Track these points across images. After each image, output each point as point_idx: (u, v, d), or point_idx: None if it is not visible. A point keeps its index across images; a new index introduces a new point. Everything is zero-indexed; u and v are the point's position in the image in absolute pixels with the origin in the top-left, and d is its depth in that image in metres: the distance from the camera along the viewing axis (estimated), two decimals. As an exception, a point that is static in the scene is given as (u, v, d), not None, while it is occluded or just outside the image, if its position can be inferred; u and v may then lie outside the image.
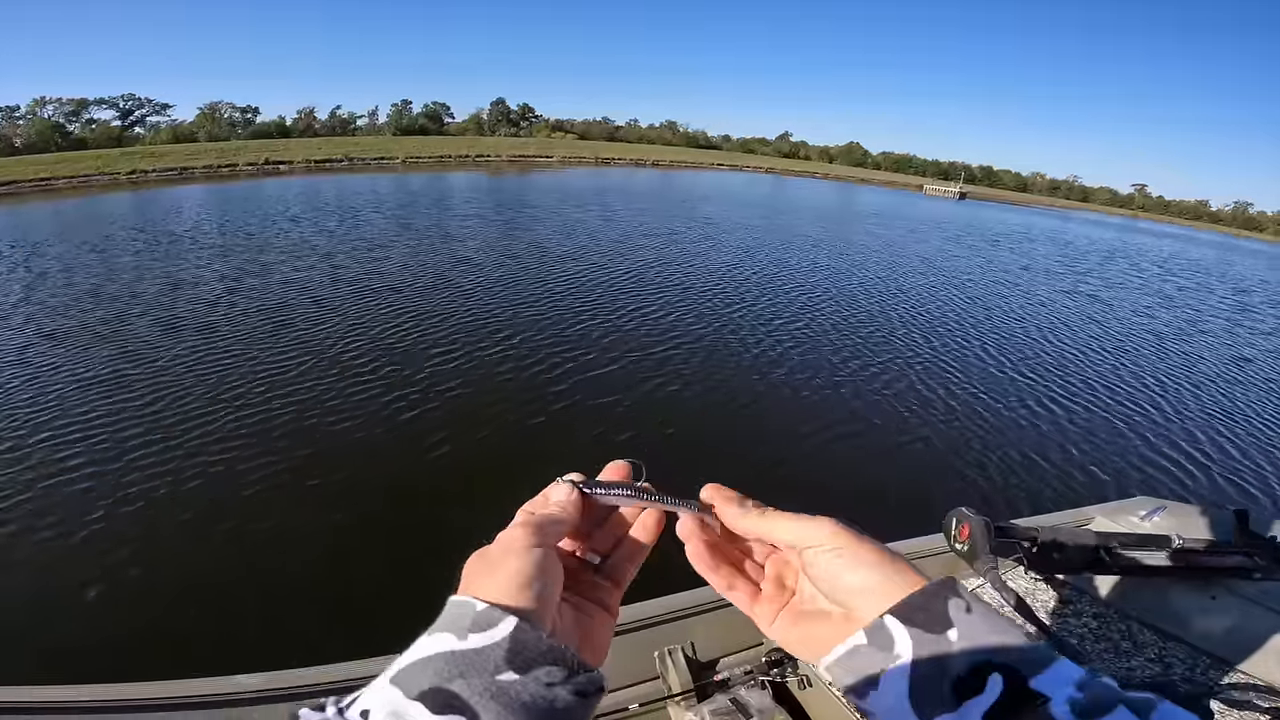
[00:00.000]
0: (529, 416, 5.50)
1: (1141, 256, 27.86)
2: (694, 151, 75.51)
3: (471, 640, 0.27)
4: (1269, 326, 14.76)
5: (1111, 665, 1.66)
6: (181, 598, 3.34)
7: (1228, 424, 7.26)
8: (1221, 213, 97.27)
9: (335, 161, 34.12)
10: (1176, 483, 5.67)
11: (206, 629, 3.14)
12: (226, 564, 3.62)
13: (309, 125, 63.44)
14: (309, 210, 17.46)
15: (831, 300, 10.78)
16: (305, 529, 3.93)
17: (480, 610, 0.29)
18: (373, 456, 4.76)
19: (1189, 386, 8.59)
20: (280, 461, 4.60)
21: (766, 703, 1.35)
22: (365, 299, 8.60)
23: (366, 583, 3.49)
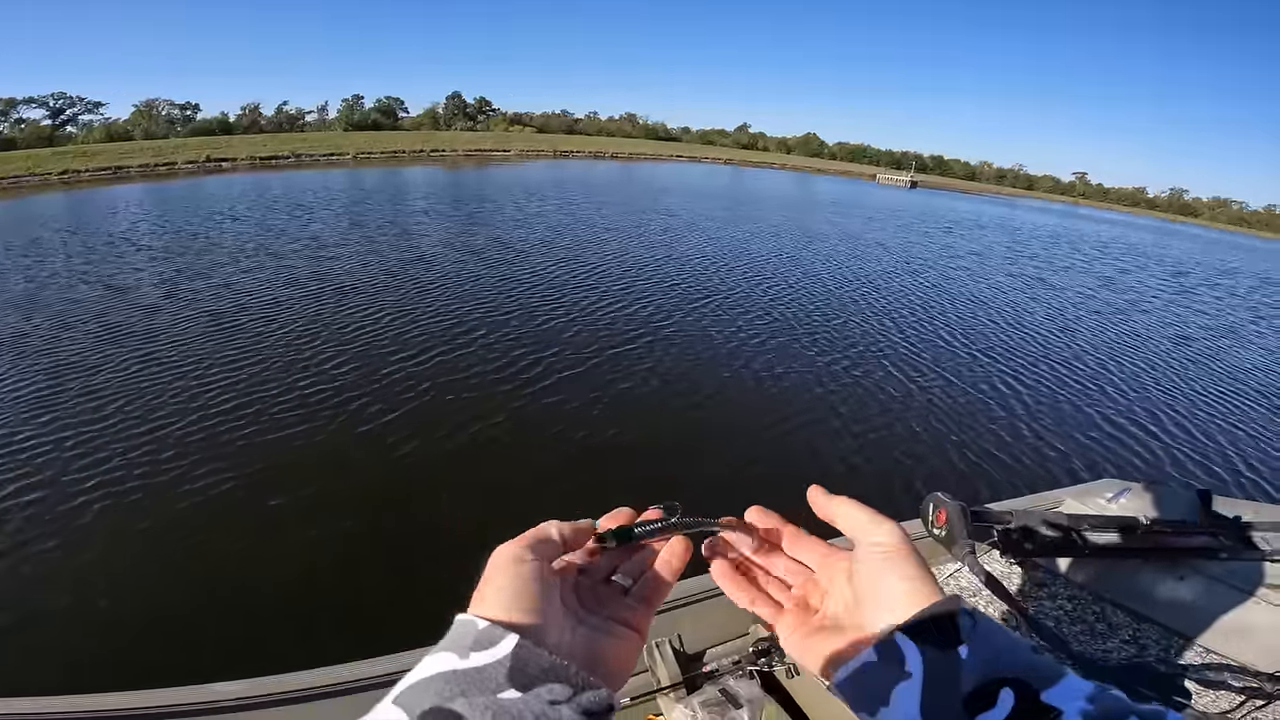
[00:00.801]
0: (490, 415, 5.37)
1: (1084, 241, 29.08)
2: (653, 143, 75.38)
3: (473, 659, 0.28)
4: (1205, 305, 15.59)
5: (1088, 647, 1.68)
6: (142, 618, 3.15)
7: (1175, 401, 7.59)
8: (1158, 199, 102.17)
9: (282, 158, 32.83)
10: (1132, 460, 5.90)
11: (167, 653, 2.95)
12: (184, 580, 3.43)
13: (254, 122, 60.94)
14: (255, 208, 16.75)
15: (795, 290, 10.89)
16: (270, 543, 3.75)
17: (481, 629, 0.29)
18: (338, 465, 4.58)
19: (1137, 365, 8.97)
20: (235, 474, 4.38)
21: (756, 692, 1.35)
22: (319, 299, 8.29)
23: (337, 593, 3.36)
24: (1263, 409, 7.79)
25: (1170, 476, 5.56)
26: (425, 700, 0.26)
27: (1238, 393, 8.31)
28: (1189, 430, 6.72)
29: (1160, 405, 7.37)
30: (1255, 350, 11.18)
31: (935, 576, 0.37)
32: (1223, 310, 15.10)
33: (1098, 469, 5.53)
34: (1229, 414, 7.40)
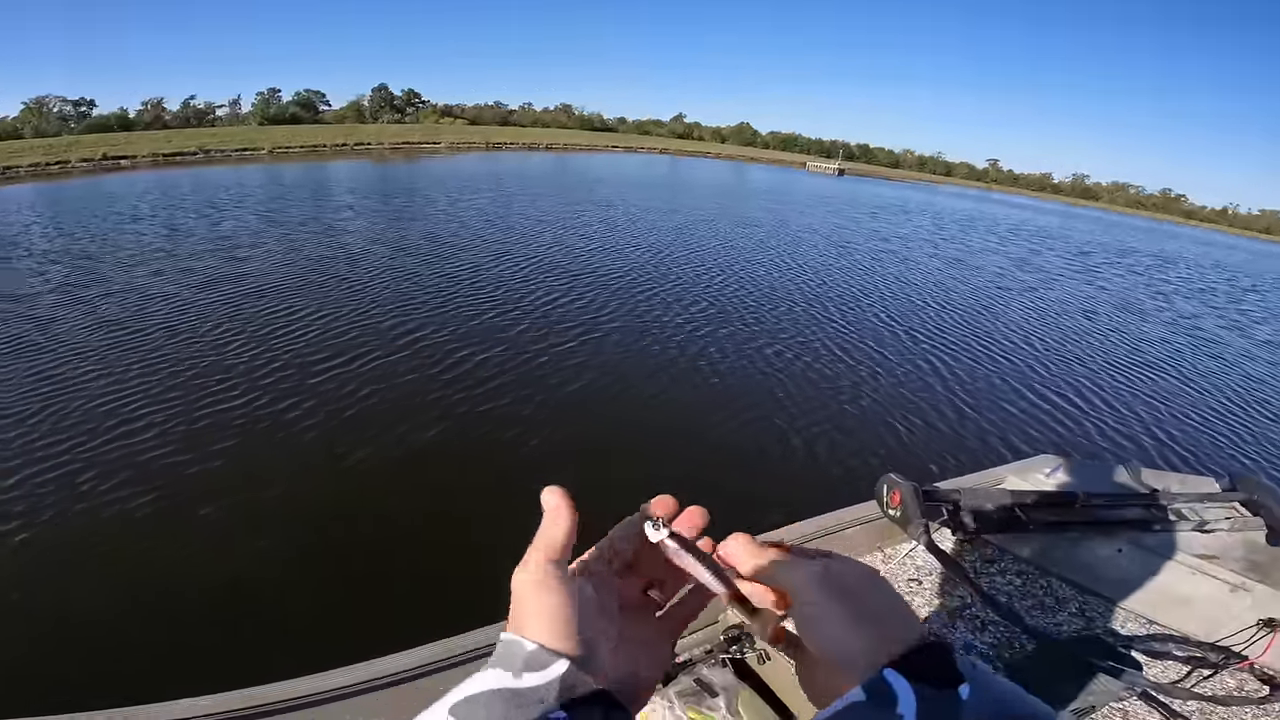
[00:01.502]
0: (430, 420, 5.15)
1: (999, 224, 30.85)
2: (589, 134, 74.74)
3: (526, 679, 0.29)
4: (1106, 281, 16.79)
5: (1040, 621, 1.71)
6: (57, 630, 2.91)
7: (1092, 374, 8.09)
8: (1062, 184, 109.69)
9: (188, 154, 30.59)
10: (1059, 432, 6.22)
11: (87, 664, 2.71)
12: (105, 592, 3.20)
13: (157, 117, 56.60)
14: (160, 207, 15.50)
15: (734, 278, 10.99)
16: (200, 556, 3.46)
17: (531, 650, 0.30)
18: (266, 475, 4.26)
19: (1054, 341, 9.53)
20: (157, 490, 4.01)
21: (729, 680, 1.36)
22: (234, 303, 7.71)
23: (276, 602, 3.14)
24: (1170, 379, 8.43)
25: (1097, 448, 5.91)
26: (480, 714, 0.28)
27: (1146, 364, 8.97)
28: (1108, 401, 7.18)
29: (1079, 378, 7.85)
30: (1156, 324, 12.12)
31: (879, 608, 0.33)
32: (1126, 288, 16.30)
33: (1031, 442, 5.81)
34: (1140, 385, 7.97)
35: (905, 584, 1.82)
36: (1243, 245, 55.80)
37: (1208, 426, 6.90)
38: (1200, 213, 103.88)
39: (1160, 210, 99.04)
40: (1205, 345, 10.92)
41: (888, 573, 1.86)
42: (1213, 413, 7.35)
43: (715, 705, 1.30)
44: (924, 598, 1.76)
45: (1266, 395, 8.44)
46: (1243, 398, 8.12)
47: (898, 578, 1.85)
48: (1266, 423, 7.34)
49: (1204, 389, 8.24)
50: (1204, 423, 6.99)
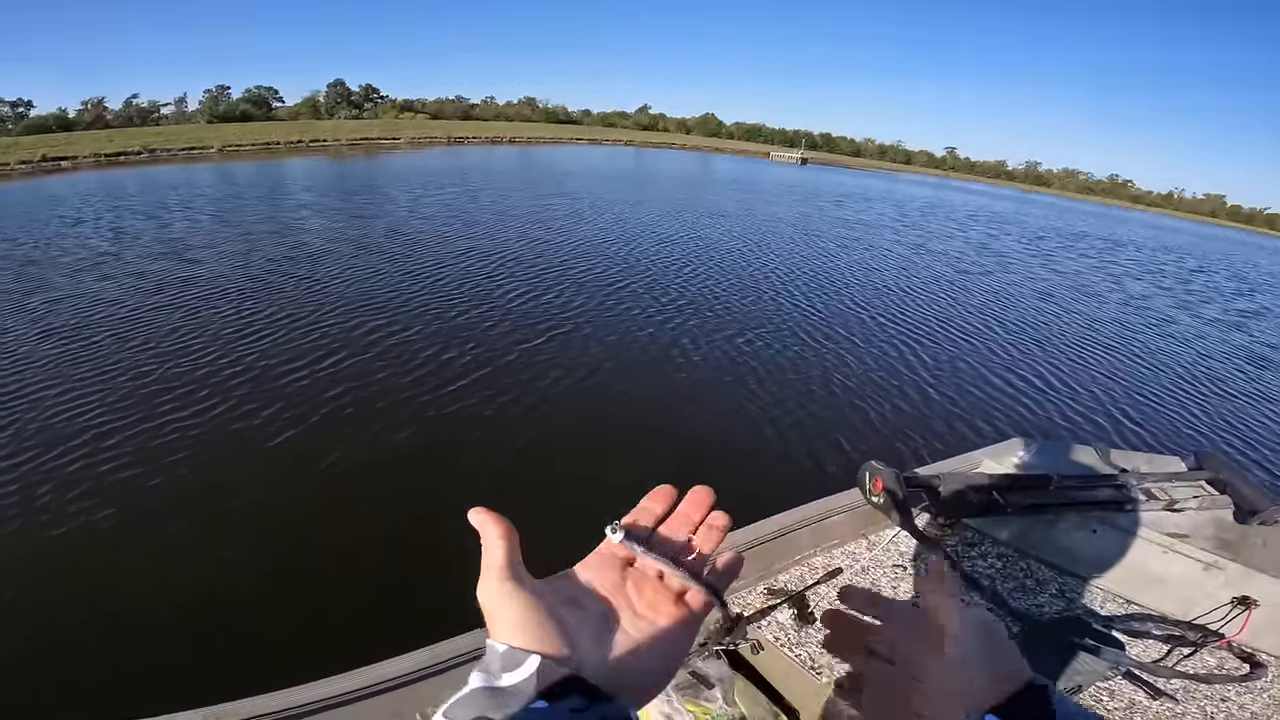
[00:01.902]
0: (400, 426, 5.00)
1: (958, 211, 31.64)
2: (553, 127, 74.00)
3: (505, 679, 0.31)
4: (1061, 265, 17.33)
5: (1022, 602, 1.74)
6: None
7: (1053, 356, 8.32)
8: (1016, 171, 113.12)
9: (132, 154, 29.26)
10: (1025, 414, 6.35)
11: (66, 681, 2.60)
12: (71, 612, 3.02)
13: (98, 117, 54.04)
14: (105, 210, 14.72)
15: (704, 269, 10.99)
16: (161, 573, 3.30)
17: (503, 652, 0.32)
18: (225, 485, 4.10)
19: (1016, 324, 9.77)
20: (113, 502, 3.82)
21: (724, 671, 1.37)
22: (190, 307, 7.39)
23: (257, 612, 3.00)
24: (1126, 359, 8.74)
25: (1062, 429, 6.06)
26: (469, 712, 0.29)
27: (1103, 345, 9.28)
28: (1069, 382, 7.39)
29: (1041, 360, 8.08)
30: (1110, 305, 12.56)
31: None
32: (1080, 270, 16.83)
33: (999, 425, 5.93)
34: (1099, 365, 8.23)
35: (890, 570, 1.83)
36: (1187, 228, 58.34)
37: (1165, 404, 7.16)
38: (1147, 197, 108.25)
39: (1109, 195, 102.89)
40: (1157, 325, 11.37)
41: (872, 560, 1.87)
42: (1169, 390, 7.64)
43: (712, 696, 1.30)
44: (909, 584, 1.76)
45: (1218, 372, 8.81)
46: (1195, 375, 8.46)
47: (883, 564, 1.85)
48: (1220, 399, 7.65)
49: (1159, 367, 8.57)
50: (1161, 400, 7.26)
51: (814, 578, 1.75)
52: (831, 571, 1.78)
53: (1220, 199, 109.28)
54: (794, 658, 1.47)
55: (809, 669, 1.43)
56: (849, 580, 1.77)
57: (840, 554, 1.90)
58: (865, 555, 1.90)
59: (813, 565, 1.82)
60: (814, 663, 1.45)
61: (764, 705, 1.33)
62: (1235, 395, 7.91)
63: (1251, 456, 6.04)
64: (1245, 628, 1.53)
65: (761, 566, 1.76)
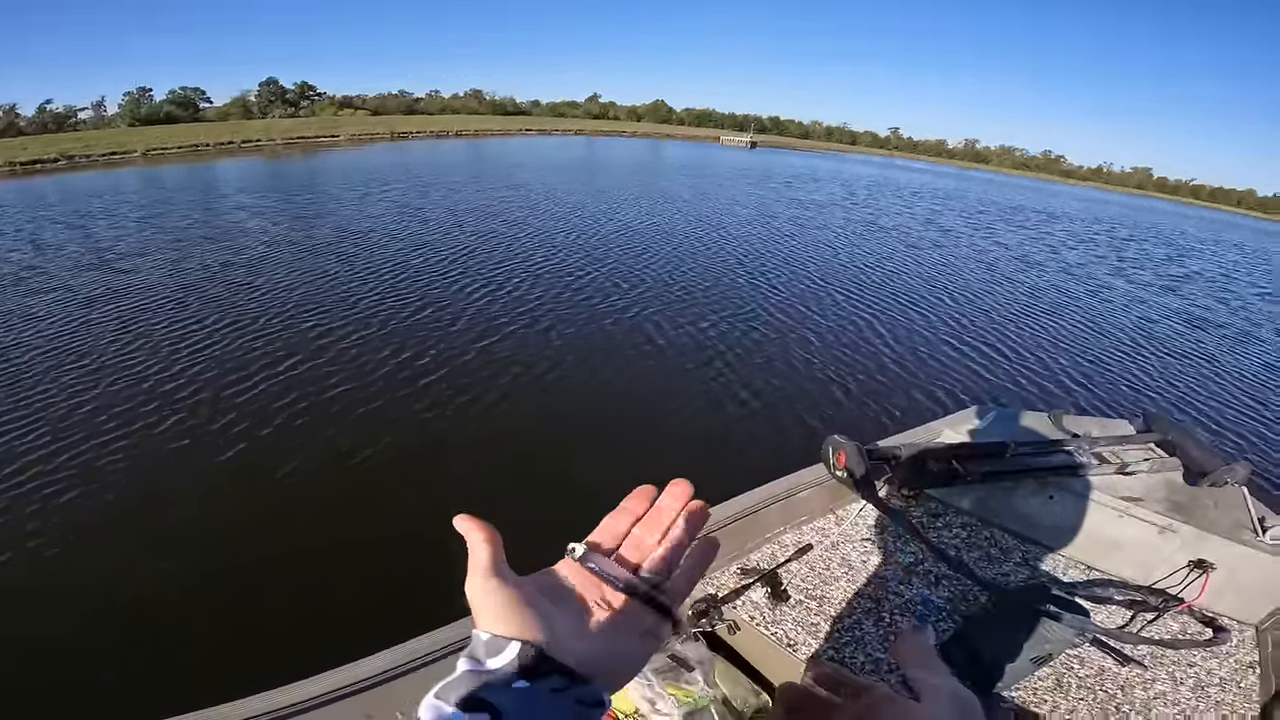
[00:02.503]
0: (357, 431, 4.84)
1: (903, 189, 32.39)
2: (501, 119, 72.62)
3: (490, 663, 0.34)
4: (1001, 236, 17.97)
5: (988, 571, 1.75)
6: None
7: (1001, 324, 8.62)
8: (956, 150, 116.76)
9: (49, 162, 27.40)
10: (982, 382, 6.55)
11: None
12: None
13: (11, 124, 50.48)
14: (24, 220, 13.75)
15: (662, 255, 10.97)
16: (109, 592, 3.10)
17: (487, 639, 0.35)
18: (166, 499, 3.89)
19: (964, 295, 10.09)
20: (53, 526, 3.57)
21: (704, 653, 1.37)
22: (124, 320, 6.96)
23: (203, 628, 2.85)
24: (1069, 325, 9.12)
25: (1015, 396, 6.27)
26: (459, 693, 0.32)
27: (1047, 311, 9.68)
28: (1017, 349, 7.67)
29: (989, 328, 8.38)
30: (1051, 274, 13.10)
31: None
32: (1020, 242, 17.48)
33: (955, 394, 6.10)
34: (1044, 331, 8.57)
35: (859, 544, 1.84)
36: (1117, 200, 61.31)
37: (1110, 366, 7.49)
38: (1078, 172, 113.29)
39: (1042, 170, 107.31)
40: (1096, 291, 11.90)
41: (841, 535, 1.88)
42: (1112, 353, 8.00)
43: (693, 679, 1.30)
44: (879, 557, 1.78)
45: (1157, 333, 9.29)
46: (1136, 337, 8.89)
47: (852, 539, 1.86)
48: (1162, 359, 8.04)
49: (1101, 331, 8.97)
50: (1106, 363, 7.59)
51: (785, 555, 1.75)
52: (802, 548, 1.78)
53: (1147, 172, 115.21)
54: (770, 636, 1.47)
55: (785, 646, 1.43)
56: (820, 556, 1.78)
57: (810, 530, 1.90)
58: (834, 530, 1.91)
59: (783, 543, 1.82)
60: (790, 640, 1.45)
61: (745, 685, 1.33)
62: (1175, 355, 8.33)
63: (1196, 415, 6.36)
64: (1204, 591, 1.55)
65: (734, 546, 1.75)
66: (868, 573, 1.71)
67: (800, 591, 1.61)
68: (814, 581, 1.66)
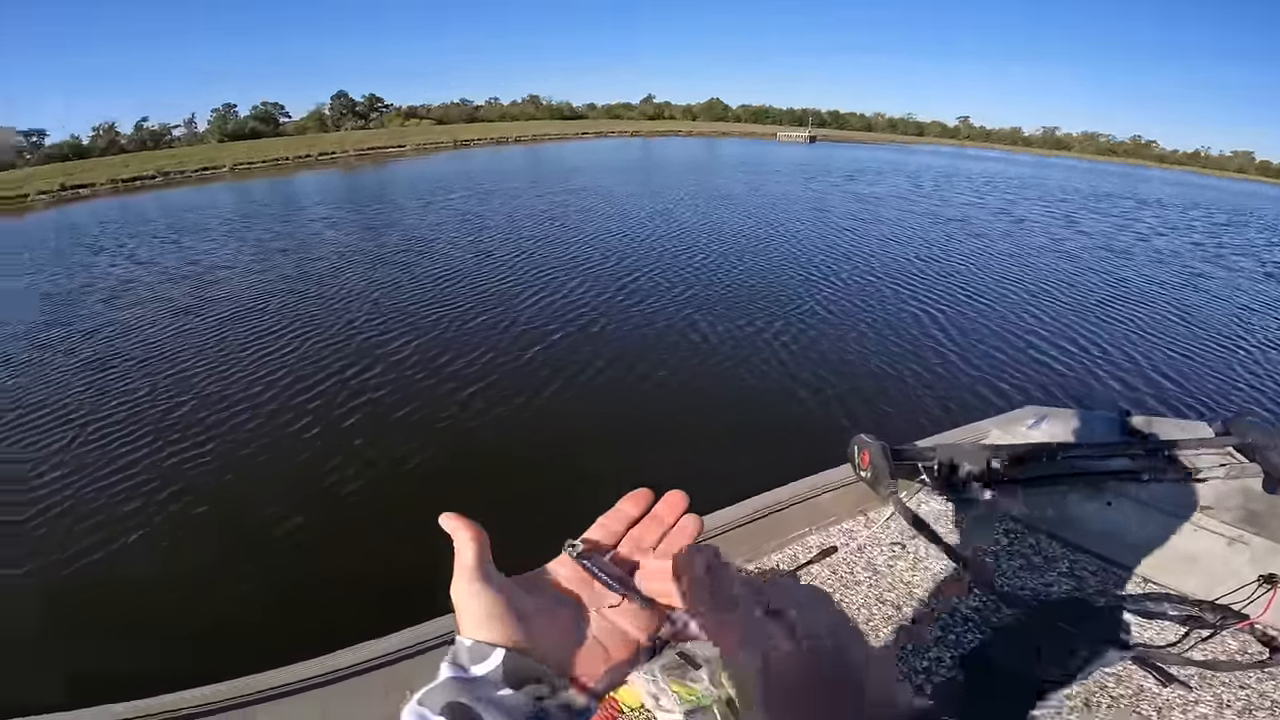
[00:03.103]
0: (420, 434, 5.05)
1: (975, 178, 30.83)
2: (558, 124, 73.86)
3: (474, 670, 0.33)
4: (1085, 225, 16.75)
5: (1028, 581, 1.63)
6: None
7: (1077, 318, 8.01)
8: (1033, 137, 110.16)
9: (147, 178, 29.91)
10: (1058, 381, 6.09)
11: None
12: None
13: (112, 142, 55.37)
14: (126, 236, 15.10)
15: (717, 253, 10.85)
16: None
17: (470, 645, 0.34)
18: (249, 497, 4.20)
19: (1035, 287, 9.44)
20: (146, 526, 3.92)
21: (711, 651, 1.33)
22: (218, 329, 7.52)
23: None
24: (1158, 318, 8.36)
25: (1089, 394, 5.81)
26: (442, 700, 0.32)
27: (1132, 304, 8.93)
28: (1097, 344, 7.12)
29: (1067, 323, 7.81)
30: (1139, 263, 12.09)
31: None
32: (1106, 230, 16.20)
33: (1022, 392, 5.71)
34: (1128, 325, 7.91)
35: (889, 548, 1.76)
36: (1215, 184, 56.09)
37: (1203, 363, 6.85)
38: (1172, 156, 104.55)
39: (1132, 156, 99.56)
40: (1190, 280, 10.92)
41: (870, 538, 1.80)
42: (1206, 348, 7.31)
43: (698, 677, 1.29)
44: (907, 562, 1.70)
45: (1257, 326, 8.39)
46: (1234, 331, 8.07)
47: (880, 542, 1.79)
48: (1261, 354, 7.27)
49: (1194, 324, 8.21)
50: (1198, 359, 6.95)
51: (808, 557, 1.69)
52: (826, 550, 1.72)
53: (1249, 155, 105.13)
54: None
55: None
56: (844, 559, 1.71)
57: (837, 531, 1.84)
58: (862, 533, 1.83)
59: (807, 544, 1.77)
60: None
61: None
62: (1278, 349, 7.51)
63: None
64: (1270, 608, 1.40)
65: (752, 546, 1.71)
66: (893, 579, 1.63)
67: (818, 595, 1.56)
68: (834, 585, 1.60)
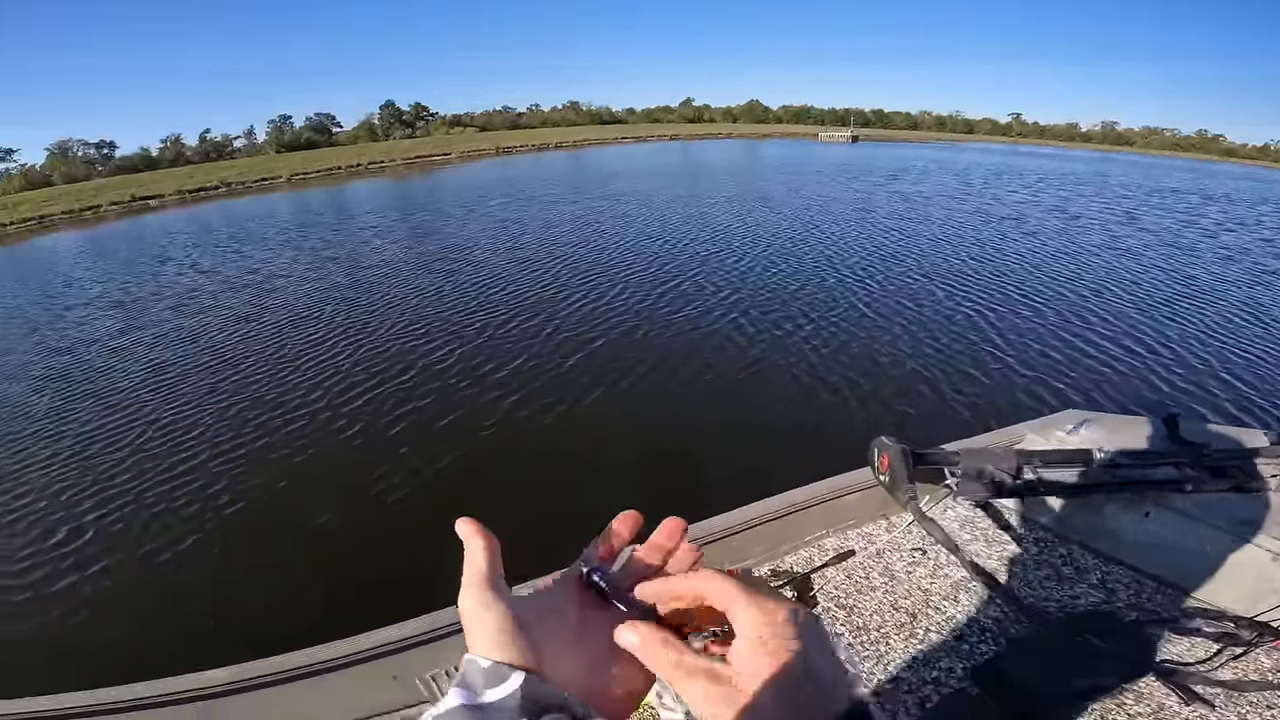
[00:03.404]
0: (467, 438, 5.17)
1: (1028, 174, 29.56)
2: (598, 129, 74.60)
3: (488, 695, 0.30)
4: (1149, 222, 15.85)
5: (1055, 592, 1.59)
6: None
7: (1137, 318, 7.61)
8: (1092, 132, 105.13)
9: (210, 189, 31.55)
10: (1108, 386, 5.76)
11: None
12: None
13: (179, 154, 58.62)
14: (192, 245, 16.06)
15: (757, 255, 10.74)
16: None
17: (486, 667, 0.31)
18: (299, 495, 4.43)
19: (1093, 286, 9.01)
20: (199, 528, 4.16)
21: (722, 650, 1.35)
22: (264, 340, 7.87)
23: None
24: (1225, 317, 7.81)
25: (1154, 402, 5.44)
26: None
27: (1198, 303, 8.38)
28: (1157, 346, 6.72)
29: (1126, 323, 7.38)
30: (1206, 260, 11.34)
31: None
32: (1170, 227, 15.26)
33: (1080, 397, 5.43)
34: (1192, 325, 7.45)
35: (909, 553, 1.73)
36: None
37: (1269, 365, 6.39)
38: (1242, 150, 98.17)
39: (1199, 150, 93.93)
40: (1260, 279, 10.16)
41: (889, 543, 1.77)
42: (1275, 349, 6.82)
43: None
44: (926, 569, 1.66)
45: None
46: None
47: (901, 547, 1.76)
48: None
49: (1263, 323, 7.65)
50: (1265, 361, 6.48)
51: (823, 560, 1.67)
52: (843, 554, 1.71)
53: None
54: None
55: None
56: (861, 563, 1.69)
57: (855, 535, 1.81)
58: (883, 537, 1.80)
59: (823, 547, 1.75)
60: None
61: None
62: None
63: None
64: None
65: (768, 547, 1.70)
66: (910, 585, 1.60)
67: (830, 600, 1.55)
68: (848, 590, 1.58)
